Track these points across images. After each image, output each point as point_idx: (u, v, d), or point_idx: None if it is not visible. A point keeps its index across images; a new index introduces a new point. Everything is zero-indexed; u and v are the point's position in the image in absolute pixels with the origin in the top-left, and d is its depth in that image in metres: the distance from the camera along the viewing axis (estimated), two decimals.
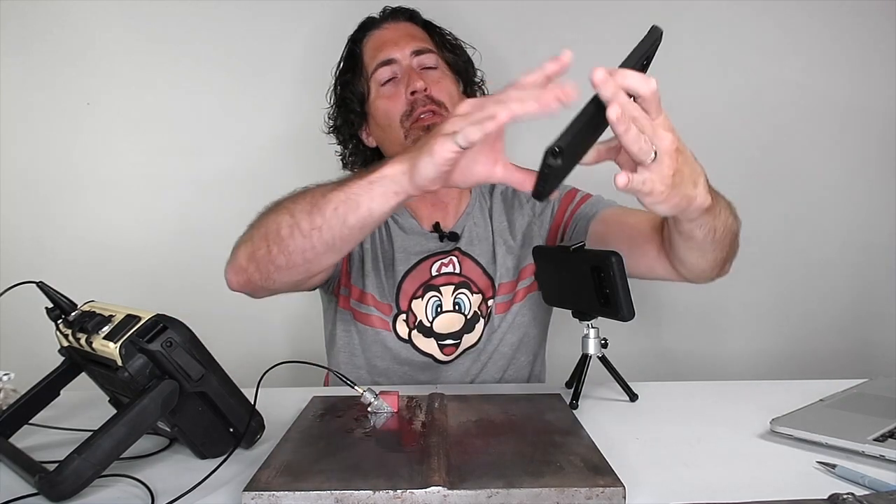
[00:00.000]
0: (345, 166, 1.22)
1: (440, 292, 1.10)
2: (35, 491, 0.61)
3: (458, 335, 1.10)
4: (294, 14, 1.55)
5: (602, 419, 0.82)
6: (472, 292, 1.11)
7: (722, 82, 1.62)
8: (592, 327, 0.90)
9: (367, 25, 1.18)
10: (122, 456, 0.63)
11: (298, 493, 0.57)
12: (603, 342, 0.91)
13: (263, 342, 1.54)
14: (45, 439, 0.77)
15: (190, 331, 0.66)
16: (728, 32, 1.61)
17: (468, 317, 1.10)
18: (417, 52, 1.12)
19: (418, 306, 1.10)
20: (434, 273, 1.11)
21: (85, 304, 0.74)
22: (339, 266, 1.11)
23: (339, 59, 1.20)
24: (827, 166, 1.66)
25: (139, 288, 1.51)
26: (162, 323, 0.65)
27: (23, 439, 0.74)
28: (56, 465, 0.60)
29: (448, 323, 1.10)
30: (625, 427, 0.80)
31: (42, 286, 0.71)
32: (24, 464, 0.65)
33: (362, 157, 1.21)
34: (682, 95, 1.61)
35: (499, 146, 0.71)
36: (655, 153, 0.62)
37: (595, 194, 1.15)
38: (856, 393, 0.91)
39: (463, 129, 0.64)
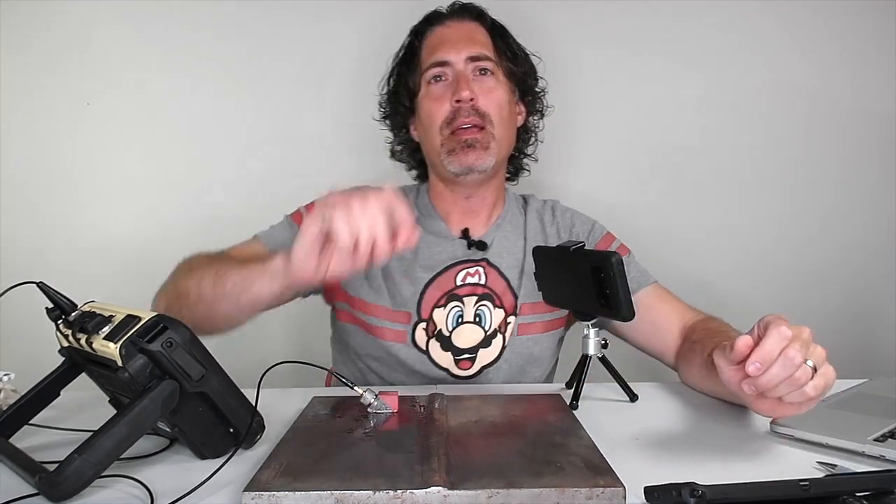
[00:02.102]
0: (392, 155, 1.23)
1: (463, 302, 1.08)
2: (35, 491, 0.61)
3: (474, 349, 1.07)
4: (294, 14, 1.55)
5: (602, 419, 0.82)
6: (495, 305, 1.08)
7: (722, 82, 1.62)
8: (592, 328, 0.90)
9: (432, 19, 1.15)
10: (122, 456, 0.63)
11: (298, 493, 0.57)
12: (603, 343, 0.91)
13: (263, 342, 1.54)
14: (46, 440, 0.77)
15: (190, 331, 0.66)
16: (729, 32, 1.61)
17: (487, 332, 1.08)
18: (474, 58, 1.09)
19: (439, 315, 1.07)
20: (459, 282, 1.09)
21: (85, 304, 0.74)
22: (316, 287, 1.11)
23: (398, 48, 1.18)
24: (827, 167, 1.66)
25: (139, 288, 1.51)
26: (162, 323, 0.65)
27: (23, 440, 0.74)
28: (56, 465, 0.60)
29: (467, 335, 1.07)
30: (625, 427, 0.80)
31: (42, 286, 0.71)
32: (25, 464, 0.65)
33: (409, 149, 1.21)
34: (683, 95, 1.62)
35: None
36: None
37: (630, 251, 1.15)
38: (856, 393, 0.91)
39: (329, 212, 0.72)
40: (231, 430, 0.70)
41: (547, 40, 1.56)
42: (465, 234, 1.13)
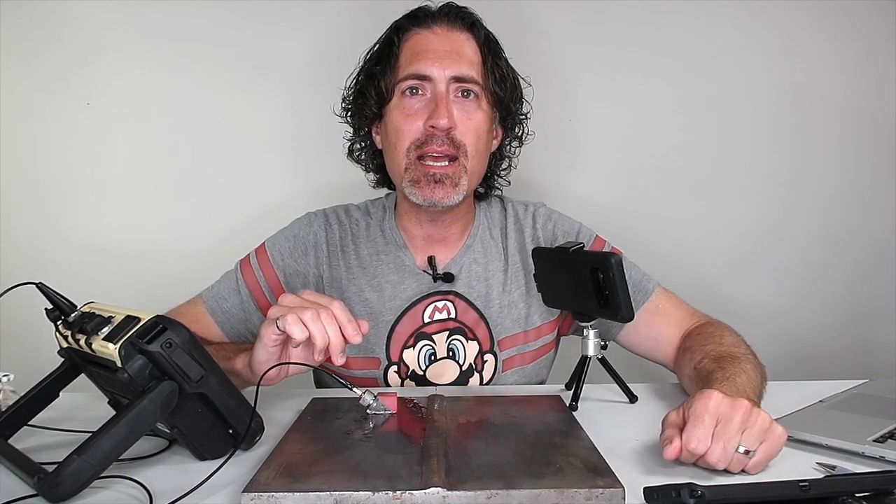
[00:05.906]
0: (350, 154, 1.13)
1: (433, 341, 1.03)
2: (34, 492, 0.61)
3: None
4: (295, 14, 1.55)
5: (602, 420, 0.82)
6: (468, 339, 1.03)
7: (722, 82, 1.62)
8: (592, 329, 0.90)
9: (418, 18, 1.03)
10: (121, 457, 0.63)
11: (298, 494, 0.57)
12: (602, 344, 0.91)
13: None
14: (45, 440, 0.77)
15: (189, 332, 0.66)
16: (728, 32, 1.61)
17: (463, 368, 1.03)
18: (458, 79, 0.98)
19: (410, 356, 1.02)
20: (427, 319, 1.03)
21: (84, 305, 0.74)
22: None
23: (373, 42, 1.07)
24: (826, 166, 1.66)
25: (139, 289, 1.51)
26: (161, 324, 0.65)
27: (22, 440, 0.74)
28: (55, 466, 0.60)
29: (441, 371, 1.03)
30: (624, 428, 0.80)
31: (41, 287, 0.71)
32: (24, 465, 0.65)
33: (369, 152, 1.11)
34: (682, 95, 1.62)
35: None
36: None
37: (622, 253, 1.06)
38: (855, 394, 0.91)
39: (284, 317, 0.75)
40: (230, 431, 0.70)
41: (546, 39, 1.56)
42: (430, 263, 1.05)
